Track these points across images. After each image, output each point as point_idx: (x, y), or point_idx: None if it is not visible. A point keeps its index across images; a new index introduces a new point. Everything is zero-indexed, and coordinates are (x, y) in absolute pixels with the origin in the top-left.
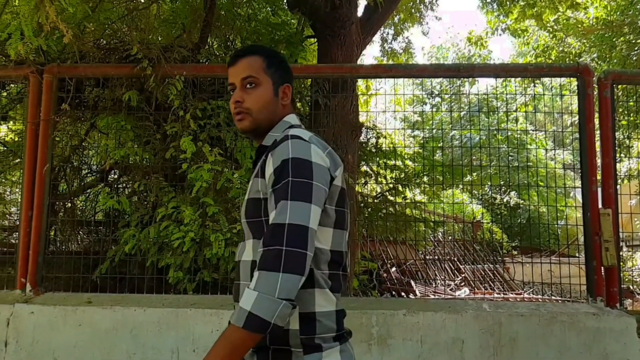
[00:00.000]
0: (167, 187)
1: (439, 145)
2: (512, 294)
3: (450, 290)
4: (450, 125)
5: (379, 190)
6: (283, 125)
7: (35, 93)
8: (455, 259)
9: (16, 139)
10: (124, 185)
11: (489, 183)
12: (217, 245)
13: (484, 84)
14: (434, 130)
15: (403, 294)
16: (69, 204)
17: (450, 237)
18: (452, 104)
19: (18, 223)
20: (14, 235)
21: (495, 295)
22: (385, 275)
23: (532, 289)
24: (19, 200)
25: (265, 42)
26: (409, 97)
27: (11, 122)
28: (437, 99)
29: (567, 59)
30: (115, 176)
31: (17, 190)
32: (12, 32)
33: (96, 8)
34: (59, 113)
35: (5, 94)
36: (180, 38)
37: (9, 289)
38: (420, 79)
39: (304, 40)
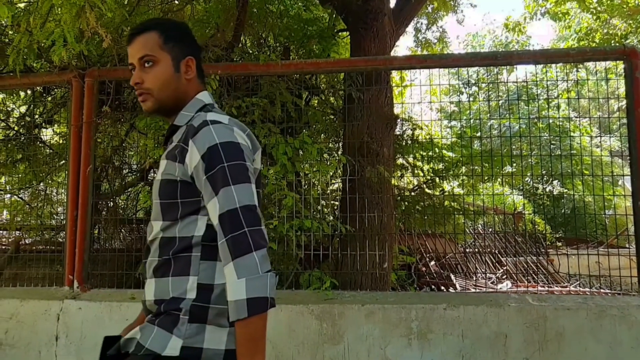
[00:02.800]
0: None
1: (477, 135)
2: (557, 287)
3: (492, 283)
4: (488, 115)
5: (415, 183)
6: (196, 103)
7: (77, 97)
8: (496, 252)
9: (61, 142)
10: None
11: (530, 173)
12: None
13: (523, 71)
14: (472, 120)
15: (443, 288)
16: (112, 203)
17: (490, 229)
18: (490, 92)
19: (64, 222)
20: (61, 234)
21: (540, 288)
22: (423, 269)
23: (578, 282)
24: (65, 200)
25: (298, 38)
26: (445, 88)
27: (56, 126)
28: (474, 88)
29: (613, 42)
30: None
31: (63, 190)
32: (55, 39)
33: (133, 12)
34: (100, 115)
35: (50, 98)
36: (214, 37)
37: (58, 286)
38: (456, 69)
39: (336, 34)
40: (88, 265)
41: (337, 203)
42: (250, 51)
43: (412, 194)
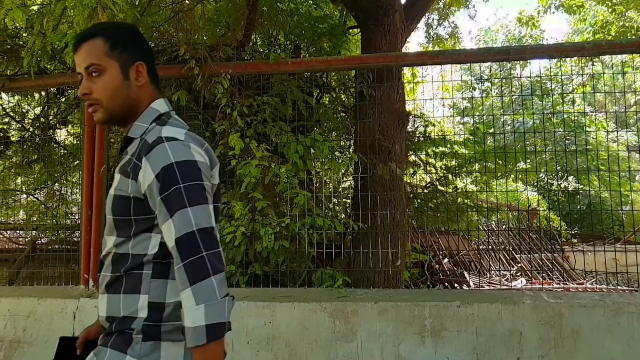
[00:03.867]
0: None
1: (490, 131)
2: (572, 284)
3: (506, 280)
4: (501, 110)
5: (428, 180)
6: (151, 113)
7: None
8: (511, 249)
9: (75, 142)
10: None
11: (545, 169)
12: (267, 238)
13: (537, 66)
14: (485, 116)
15: (456, 285)
16: None
17: (504, 226)
18: (503, 88)
19: (79, 222)
20: (76, 234)
21: (555, 285)
22: (437, 266)
23: (595, 279)
24: (80, 200)
25: (308, 36)
26: (457, 84)
27: (70, 126)
28: (487, 84)
29: (629, 34)
30: None
31: (77, 190)
32: (68, 41)
33: (144, 12)
34: None
35: (63, 99)
36: (225, 36)
37: (74, 285)
38: (468, 64)
39: (347, 31)
40: None
41: (348, 201)
42: (261, 50)
43: (425, 191)
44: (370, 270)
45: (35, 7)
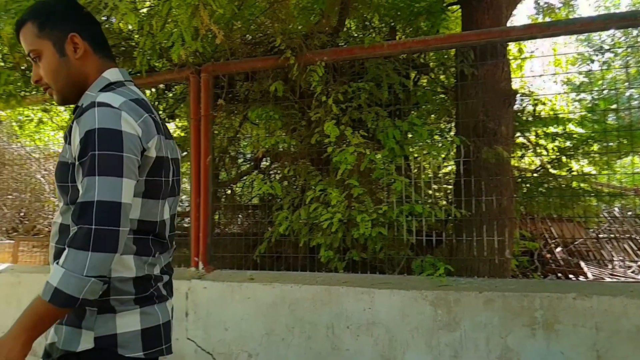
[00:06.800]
0: (314, 171)
1: (613, 107)
2: None
3: (632, 273)
4: (626, 84)
5: (538, 163)
6: (101, 82)
7: (195, 91)
8: (638, 238)
9: (182, 135)
10: (275, 171)
11: None
12: (364, 225)
13: None
14: (605, 91)
15: (571, 276)
16: (229, 191)
17: (630, 212)
18: (628, 58)
19: (188, 209)
20: (186, 220)
21: None
22: (548, 256)
23: None
24: (189, 189)
25: (405, 16)
26: (572, 57)
27: (177, 120)
28: (608, 55)
29: None
30: (267, 163)
31: (186, 180)
32: (175, 40)
33: (241, 5)
34: (216, 108)
35: (171, 94)
36: (319, 24)
37: (186, 267)
38: (585, 35)
39: (446, 8)
40: (211, 248)
41: (450, 187)
42: (355, 34)
43: (535, 175)
44: (475, 259)
45: (144, 10)
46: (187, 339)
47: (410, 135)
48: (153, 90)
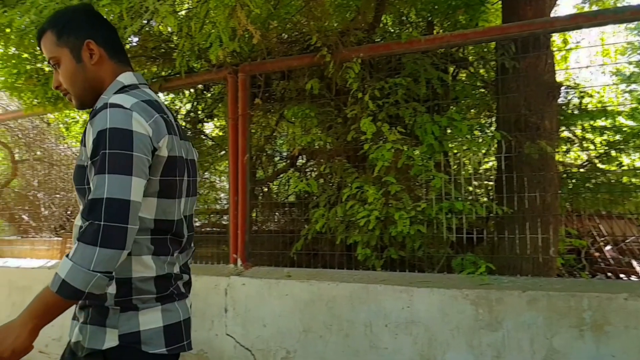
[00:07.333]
0: (350, 168)
1: None
2: None
3: None
4: None
5: (585, 157)
6: (115, 85)
7: (232, 91)
8: None
9: (220, 134)
10: (311, 168)
11: None
12: (402, 223)
13: None
14: None
15: (622, 275)
16: (266, 188)
17: None
18: None
19: (227, 207)
20: (224, 217)
21: None
22: (596, 254)
23: None
24: (227, 187)
25: (442, 10)
26: (621, 46)
27: (215, 119)
28: None
29: None
30: (303, 161)
31: (224, 178)
32: (213, 41)
33: (277, 5)
34: (253, 107)
35: (209, 95)
36: (355, 20)
37: (224, 264)
38: (636, 23)
39: (485, 0)
40: (249, 245)
41: (491, 183)
42: (392, 30)
43: (581, 170)
44: (517, 257)
45: (183, 12)
46: (227, 334)
47: (449, 131)
48: (192, 90)
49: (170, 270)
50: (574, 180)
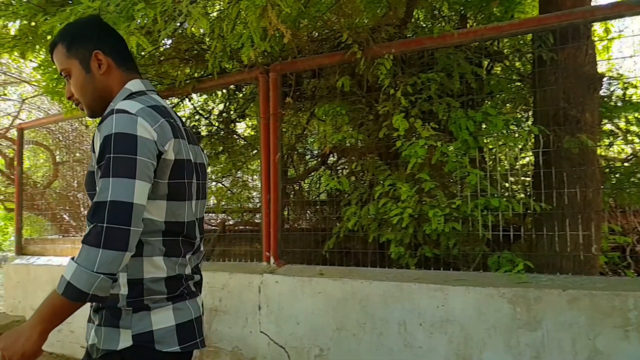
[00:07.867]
0: (382, 166)
1: None
2: None
3: None
4: None
5: (629, 151)
6: (123, 93)
7: (264, 91)
8: None
9: (252, 133)
10: (343, 166)
11: None
12: (436, 220)
13: None
14: None
15: None
16: (297, 187)
17: None
18: None
19: (259, 205)
20: (257, 216)
21: None
22: None
23: None
24: (259, 185)
25: (475, 3)
26: None
27: (247, 119)
28: None
29: None
30: (334, 159)
31: (256, 177)
32: (244, 42)
33: (308, 3)
34: (284, 106)
35: (241, 95)
36: (387, 16)
37: (258, 262)
38: None
39: None
40: (281, 243)
41: (528, 179)
42: (424, 25)
43: (626, 164)
44: (557, 255)
45: (214, 14)
46: (260, 332)
47: (484, 126)
48: (224, 91)
49: (182, 272)
50: (617, 175)
